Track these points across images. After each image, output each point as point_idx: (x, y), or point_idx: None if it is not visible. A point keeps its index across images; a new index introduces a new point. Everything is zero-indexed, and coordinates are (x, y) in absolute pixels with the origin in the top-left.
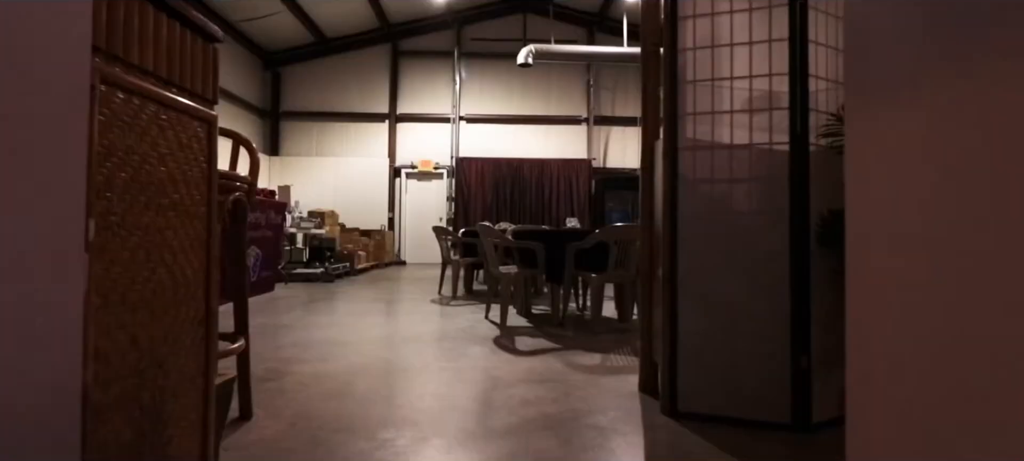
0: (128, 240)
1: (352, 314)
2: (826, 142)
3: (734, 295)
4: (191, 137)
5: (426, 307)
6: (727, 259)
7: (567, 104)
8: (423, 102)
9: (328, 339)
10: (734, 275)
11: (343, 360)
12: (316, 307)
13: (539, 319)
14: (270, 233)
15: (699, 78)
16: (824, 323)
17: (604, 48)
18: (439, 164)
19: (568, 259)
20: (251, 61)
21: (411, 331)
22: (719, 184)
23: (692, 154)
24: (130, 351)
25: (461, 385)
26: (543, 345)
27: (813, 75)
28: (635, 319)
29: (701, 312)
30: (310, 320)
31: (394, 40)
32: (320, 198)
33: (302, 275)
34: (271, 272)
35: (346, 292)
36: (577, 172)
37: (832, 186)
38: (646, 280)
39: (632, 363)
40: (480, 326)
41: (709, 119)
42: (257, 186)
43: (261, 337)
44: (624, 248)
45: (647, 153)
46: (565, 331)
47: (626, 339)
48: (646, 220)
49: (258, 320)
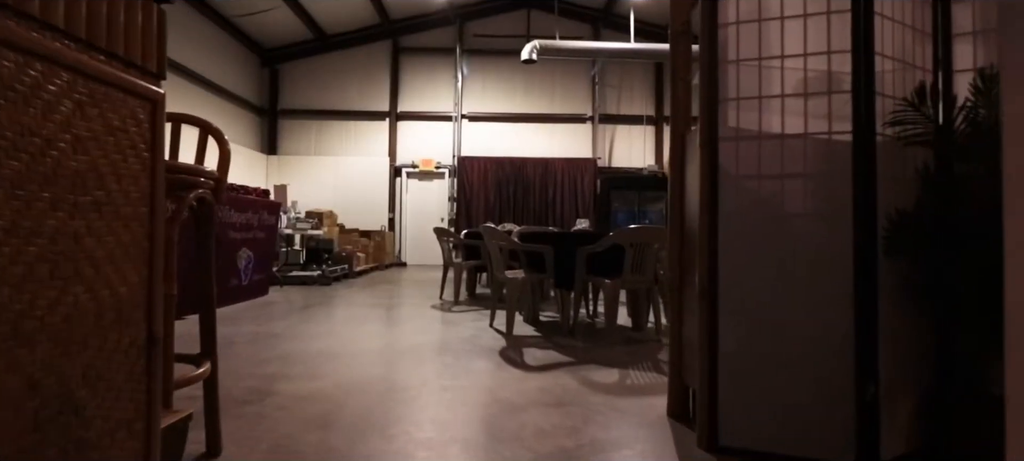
0: (23, 251)
1: (348, 321)
2: (894, 132)
3: (786, 310)
4: (126, 119)
5: (426, 313)
6: (777, 268)
7: (571, 102)
8: (424, 100)
9: (319, 351)
10: (786, 287)
11: (334, 377)
12: (310, 313)
13: (547, 327)
14: (263, 234)
15: (743, 57)
16: (892, 345)
17: (611, 44)
18: (441, 163)
19: (579, 263)
20: (248, 58)
21: (410, 341)
22: (768, 180)
23: (735, 146)
24: (28, 399)
25: (465, 409)
26: (554, 358)
27: (879, 53)
28: (650, 327)
29: (746, 329)
30: (302, 329)
31: (395, 36)
32: (319, 198)
33: (298, 278)
34: (264, 275)
35: (343, 296)
36: (582, 172)
37: (900, 183)
38: (675, 291)
39: (656, 382)
40: (484, 335)
41: (755, 105)
42: (226, 182)
43: (247, 348)
44: (640, 251)
45: (677, 146)
46: (576, 341)
47: (644, 351)
48: (675, 222)
49: (246, 328)
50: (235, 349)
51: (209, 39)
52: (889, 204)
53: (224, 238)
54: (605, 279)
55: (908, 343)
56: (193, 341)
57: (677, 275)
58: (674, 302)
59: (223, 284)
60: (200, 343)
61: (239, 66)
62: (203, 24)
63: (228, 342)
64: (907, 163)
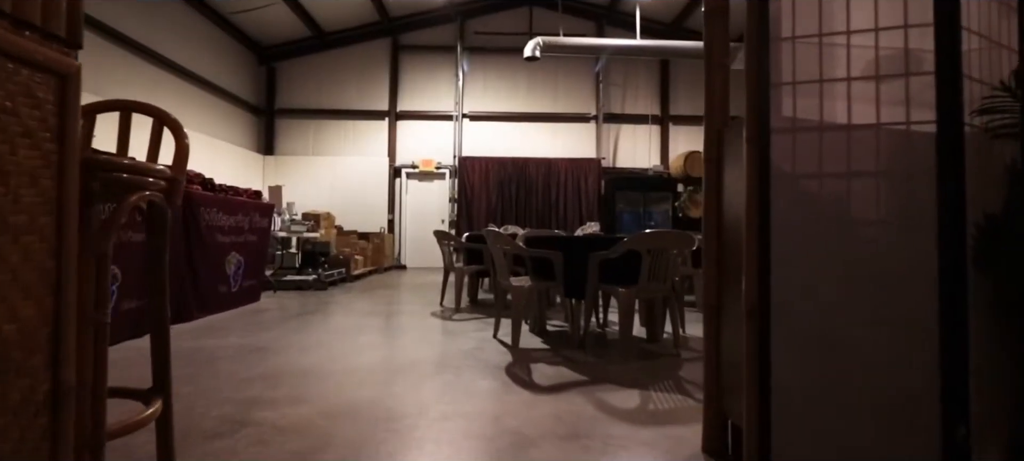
0: None
1: (341, 331)
2: (982, 122)
3: (853, 334)
4: (16, 97)
5: (426, 322)
6: (842, 284)
7: (575, 101)
8: (424, 99)
9: (307, 368)
10: (853, 306)
11: (321, 401)
12: (302, 322)
13: (555, 338)
14: (255, 238)
15: (801, 34)
16: (980, 375)
17: (616, 40)
18: (441, 164)
19: (591, 271)
20: (244, 56)
21: (407, 355)
22: (831, 180)
23: (791, 139)
24: None
25: (468, 444)
26: (566, 377)
27: (966, 28)
28: (667, 338)
29: (805, 357)
30: (291, 340)
31: (394, 34)
32: (317, 199)
33: (293, 282)
34: (256, 281)
35: (339, 302)
36: (586, 172)
37: (989, 183)
38: (711, 308)
39: (682, 407)
40: (488, 347)
41: (815, 90)
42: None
43: (228, 365)
44: (658, 258)
45: (713, 142)
46: (588, 356)
47: (662, 367)
48: (710, 228)
49: (231, 340)
50: (215, 366)
51: (204, 36)
52: (976, 207)
53: (212, 242)
54: (619, 288)
55: (998, 372)
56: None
57: (714, 289)
58: (710, 320)
59: (211, 291)
60: (152, 375)
61: (235, 64)
62: (197, 20)
63: (209, 358)
64: (998, 160)
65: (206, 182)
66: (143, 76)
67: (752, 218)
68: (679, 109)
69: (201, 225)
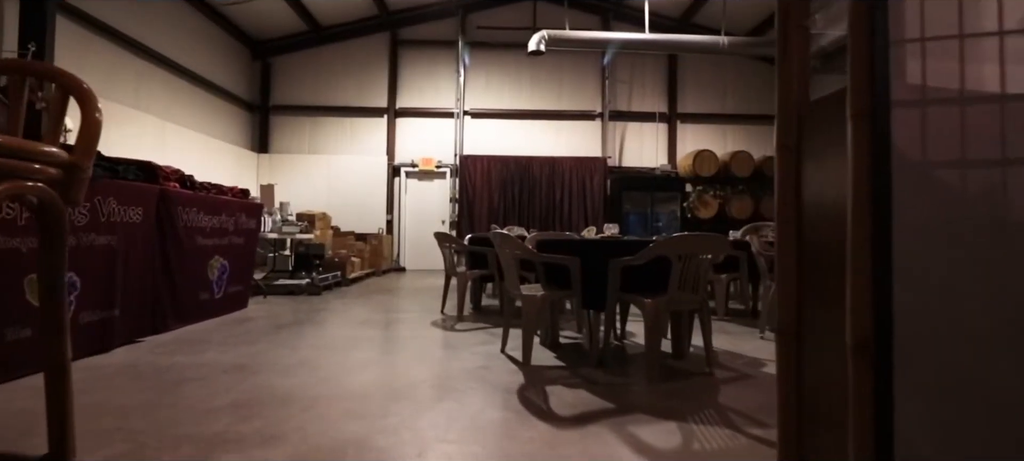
0: None
1: (331, 345)
2: None
3: (1008, 381)
4: None
5: (426, 332)
6: (997, 310)
7: (580, 98)
8: (424, 95)
9: (288, 393)
10: (1009, 341)
11: (296, 440)
12: (290, 333)
13: (570, 353)
14: (241, 240)
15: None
16: None
17: (624, 34)
18: (442, 162)
19: (612, 279)
20: (238, 51)
21: (404, 376)
22: (979, 169)
23: (920, 115)
24: None
25: None
26: (587, 404)
27: None
28: (693, 352)
29: (943, 408)
30: (274, 356)
31: (393, 28)
32: (313, 199)
33: (285, 287)
34: (243, 286)
35: (332, 309)
36: (591, 171)
37: None
38: (789, 333)
39: (734, 443)
40: (495, 365)
41: (952, 50)
42: (88, 172)
43: (197, 388)
44: (690, 264)
45: (790, 124)
46: (609, 376)
47: (697, 390)
48: (787, 234)
49: (206, 356)
50: (180, 391)
51: (195, 29)
52: None
53: (191, 245)
54: (645, 299)
55: None
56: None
57: (792, 310)
58: (786, 348)
59: (190, 299)
60: (48, 437)
61: (229, 59)
62: (188, 13)
63: (176, 380)
64: None
65: (185, 179)
66: (129, 70)
67: (862, 221)
68: (687, 107)
69: (178, 226)
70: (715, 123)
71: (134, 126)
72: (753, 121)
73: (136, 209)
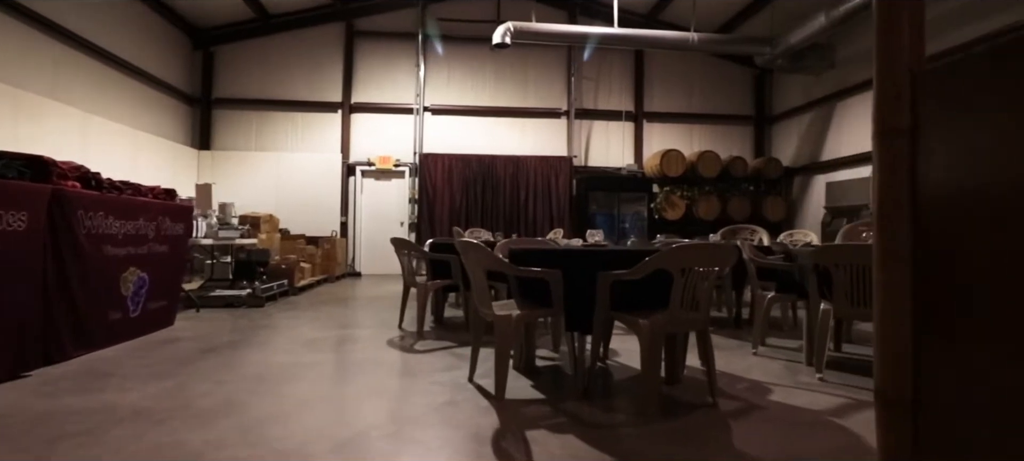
0: None
1: (266, 375)
2: None
3: None
4: None
5: (381, 354)
6: None
7: (545, 95)
8: (382, 90)
9: (194, 455)
10: None
11: None
12: (218, 359)
13: (548, 379)
14: (164, 248)
15: None
16: None
17: (593, 28)
18: (400, 161)
19: (601, 295)
20: (176, 38)
21: (352, 421)
22: None
23: None
24: None
25: None
26: (578, 453)
27: None
28: (687, 373)
29: None
30: (191, 393)
31: (349, 18)
32: (260, 200)
33: (223, 298)
34: (168, 301)
35: (274, 325)
36: (556, 171)
37: None
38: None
39: None
40: (463, 399)
41: None
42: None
43: (71, 448)
44: (694, 279)
45: (898, 96)
46: (597, 410)
47: (702, 426)
48: (896, 240)
49: (101, 397)
50: (51, 455)
51: (129, 15)
52: None
53: (97, 256)
54: (639, 318)
55: None
56: None
57: (904, 333)
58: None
59: (96, 319)
60: None
61: (166, 48)
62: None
63: (50, 436)
64: None
65: (89, 177)
66: (44, 54)
67: None
68: (654, 105)
69: (78, 234)
70: (682, 122)
71: (52, 119)
72: (720, 121)
73: (17, 214)
